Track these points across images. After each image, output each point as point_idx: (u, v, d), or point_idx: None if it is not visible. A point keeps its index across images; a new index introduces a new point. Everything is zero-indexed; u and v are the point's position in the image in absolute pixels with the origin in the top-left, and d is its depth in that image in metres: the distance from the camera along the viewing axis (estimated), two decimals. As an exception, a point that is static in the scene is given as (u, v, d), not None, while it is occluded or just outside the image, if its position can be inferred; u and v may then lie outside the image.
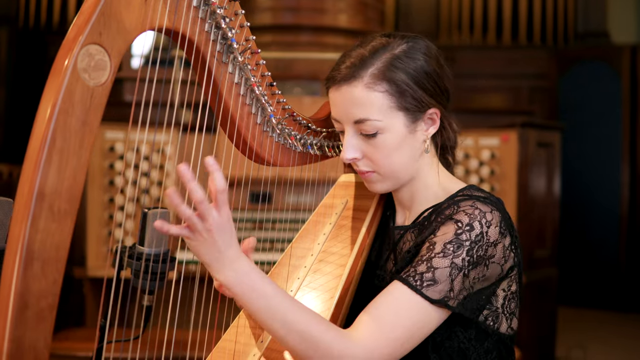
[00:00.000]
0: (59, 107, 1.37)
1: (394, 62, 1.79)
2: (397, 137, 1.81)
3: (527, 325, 4.49)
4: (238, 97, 1.81)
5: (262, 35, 6.22)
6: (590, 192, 7.91)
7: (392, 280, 1.74)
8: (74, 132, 1.39)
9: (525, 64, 8.44)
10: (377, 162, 1.85)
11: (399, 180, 1.89)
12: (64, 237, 1.39)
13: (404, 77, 1.79)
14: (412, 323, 1.69)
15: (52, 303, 1.38)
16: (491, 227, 1.72)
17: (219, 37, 1.70)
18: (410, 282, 1.69)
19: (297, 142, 1.97)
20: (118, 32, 1.46)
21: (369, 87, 1.79)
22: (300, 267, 2.01)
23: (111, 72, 1.44)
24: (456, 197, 1.83)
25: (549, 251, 4.85)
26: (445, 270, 1.68)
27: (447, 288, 1.68)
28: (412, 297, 1.68)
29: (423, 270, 1.69)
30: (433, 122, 1.86)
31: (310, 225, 2.13)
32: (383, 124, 1.80)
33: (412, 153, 1.85)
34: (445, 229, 1.73)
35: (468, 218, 1.72)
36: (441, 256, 1.70)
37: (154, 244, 1.75)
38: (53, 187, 1.36)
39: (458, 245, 1.70)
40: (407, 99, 1.79)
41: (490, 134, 4.48)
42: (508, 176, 4.44)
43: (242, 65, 1.76)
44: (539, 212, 4.70)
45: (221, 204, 1.56)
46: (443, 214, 1.78)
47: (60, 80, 1.38)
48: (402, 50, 1.82)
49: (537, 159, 4.63)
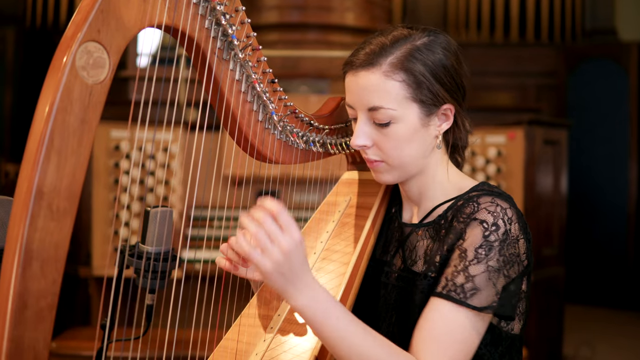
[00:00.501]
0: (57, 105, 1.35)
1: (413, 53, 1.78)
2: (409, 128, 1.80)
3: (534, 324, 4.47)
4: (239, 94, 1.79)
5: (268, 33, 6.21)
6: (598, 190, 7.88)
7: (426, 291, 1.75)
8: (72, 131, 1.38)
9: (533, 61, 8.41)
10: (386, 152, 1.83)
11: (407, 173, 1.87)
12: (63, 236, 1.38)
13: (422, 68, 1.78)
14: (467, 336, 1.69)
15: (51, 303, 1.37)
16: (513, 224, 1.72)
17: (220, 34, 1.69)
18: (453, 296, 1.68)
19: (299, 140, 1.96)
20: (117, 29, 1.44)
21: (387, 75, 1.77)
22: None
23: (110, 69, 1.43)
24: (472, 193, 1.82)
25: (556, 249, 4.83)
26: (484, 275, 1.67)
27: (491, 293, 1.67)
28: (460, 311, 1.68)
29: (462, 282, 1.68)
30: (447, 118, 1.85)
31: (313, 223, 2.12)
32: (397, 114, 1.78)
33: (423, 147, 1.84)
34: (471, 232, 1.71)
35: (492, 217, 1.71)
36: (475, 262, 1.68)
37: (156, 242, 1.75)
38: (52, 185, 1.35)
39: (489, 247, 1.69)
40: (423, 91, 1.78)
41: (496, 131, 4.46)
42: (515, 174, 4.42)
43: (243, 62, 1.76)
44: (545, 210, 4.68)
45: (289, 226, 1.58)
46: (463, 213, 1.76)
47: (59, 78, 1.36)
48: (422, 42, 1.81)
49: (543, 157, 4.60)
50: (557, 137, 4.79)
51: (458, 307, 1.68)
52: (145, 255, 1.73)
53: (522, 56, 8.42)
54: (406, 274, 1.87)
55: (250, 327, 1.87)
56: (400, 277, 1.88)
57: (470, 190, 1.84)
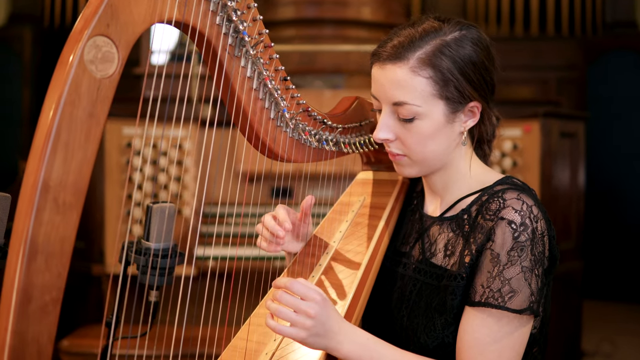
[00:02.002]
0: (65, 99, 1.35)
1: (442, 49, 1.75)
2: (434, 125, 1.78)
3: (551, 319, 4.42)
4: (250, 91, 1.78)
5: (285, 29, 6.20)
6: (618, 184, 7.80)
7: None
8: (80, 125, 1.37)
9: (553, 55, 8.33)
10: (409, 147, 1.81)
11: (429, 168, 1.86)
12: (69, 231, 1.37)
13: (451, 65, 1.75)
14: (513, 341, 1.69)
15: (56, 297, 1.37)
16: (539, 222, 1.70)
17: (231, 30, 1.67)
18: (492, 303, 1.67)
19: (311, 138, 1.94)
20: (126, 24, 1.44)
21: (414, 71, 1.75)
22: (315, 266, 1.99)
23: (119, 64, 1.43)
24: (496, 188, 1.79)
25: (574, 243, 4.78)
26: (519, 277, 1.66)
27: (528, 293, 1.67)
28: (502, 316, 1.68)
29: (499, 287, 1.67)
30: (473, 115, 1.82)
31: (327, 224, 2.11)
32: (422, 110, 1.76)
33: (447, 143, 1.82)
34: (501, 234, 1.69)
35: (519, 216, 1.68)
36: (509, 265, 1.67)
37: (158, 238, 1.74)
38: (58, 179, 1.35)
39: (520, 248, 1.67)
40: (450, 88, 1.75)
41: (512, 124, 4.42)
42: (531, 167, 4.38)
43: (255, 59, 1.74)
44: (563, 204, 4.64)
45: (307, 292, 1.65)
46: (489, 210, 1.74)
47: (67, 72, 1.36)
48: (453, 37, 1.77)
49: (560, 150, 4.56)
50: (574, 130, 4.74)
51: (499, 312, 1.67)
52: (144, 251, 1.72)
53: (543, 50, 8.34)
54: (424, 266, 1.86)
55: (260, 326, 1.85)
56: (418, 269, 1.87)
57: (494, 184, 1.82)
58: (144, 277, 1.74)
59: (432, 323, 1.77)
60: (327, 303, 1.66)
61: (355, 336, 1.70)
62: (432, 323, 1.77)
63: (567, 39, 8.36)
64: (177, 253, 1.76)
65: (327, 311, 1.65)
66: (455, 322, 1.75)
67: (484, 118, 1.85)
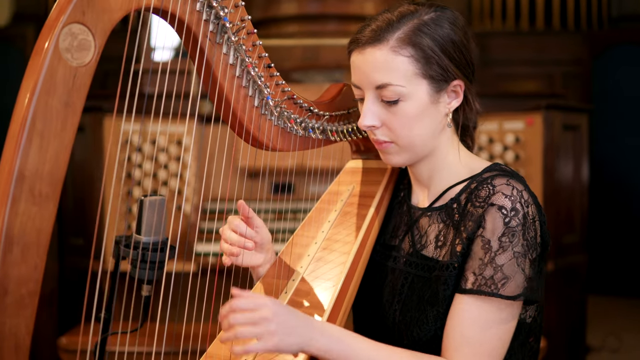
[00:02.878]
0: (40, 87, 1.34)
1: (421, 28, 1.74)
2: (419, 106, 1.75)
3: (555, 313, 4.39)
4: (233, 78, 1.75)
5: (288, 25, 6.19)
6: (623, 177, 7.76)
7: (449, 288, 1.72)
8: (55, 114, 1.36)
9: (559, 49, 8.29)
10: (395, 132, 1.79)
11: (417, 154, 1.83)
12: (45, 222, 1.36)
13: (431, 43, 1.73)
14: (502, 329, 1.67)
15: (33, 289, 1.36)
16: (530, 207, 1.67)
17: (212, 16, 1.65)
18: (484, 290, 1.64)
19: (297, 126, 1.92)
20: (103, 11, 1.42)
21: (395, 51, 1.73)
22: (303, 256, 1.96)
23: (95, 51, 1.41)
24: (485, 174, 1.77)
25: (578, 237, 4.74)
26: (512, 262, 1.64)
27: (521, 279, 1.64)
28: (493, 304, 1.66)
29: (491, 274, 1.64)
30: (457, 95, 1.80)
31: (315, 213, 2.08)
32: (406, 91, 1.74)
33: (433, 126, 1.79)
34: (491, 220, 1.66)
35: (510, 201, 1.66)
36: (501, 252, 1.64)
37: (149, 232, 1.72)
38: (34, 169, 1.34)
39: (512, 234, 1.64)
40: (432, 66, 1.74)
41: (514, 117, 4.38)
42: (533, 161, 4.34)
43: (237, 45, 1.71)
44: (566, 197, 4.59)
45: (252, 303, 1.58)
46: (478, 197, 1.71)
47: (42, 61, 1.35)
48: (430, 17, 1.76)
49: (563, 143, 4.51)
50: (578, 122, 4.69)
51: (491, 300, 1.65)
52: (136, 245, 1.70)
53: (548, 44, 8.29)
54: (415, 258, 1.83)
55: None
56: (409, 262, 1.84)
57: (483, 171, 1.80)
58: (136, 271, 1.73)
59: (425, 315, 1.74)
60: (278, 302, 1.61)
61: (328, 330, 1.65)
62: (425, 315, 1.74)
63: (573, 33, 8.32)
64: (168, 246, 1.74)
65: (284, 308, 1.60)
66: (447, 314, 1.72)
67: (468, 100, 1.83)
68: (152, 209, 1.70)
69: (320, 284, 1.85)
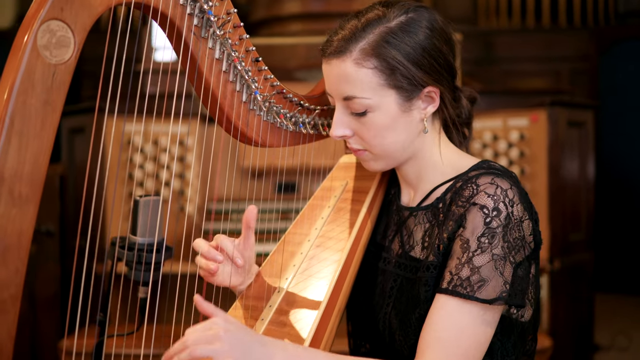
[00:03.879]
0: (18, 86, 1.32)
1: (386, 37, 1.68)
2: (388, 116, 1.71)
3: (562, 312, 4.35)
4: (220, 73, 1.72)
5: (291, 24, 6.19)
6: (631, 174, 7.72)
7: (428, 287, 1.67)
8: (34, 113, 1.34)
9: (566, 46, 8.24)
10: (367, 141, 1.76)
11: (395, 160, 1.80)
12: (26, 223, 1.35)
13: (396, 53, 1.67)
14: (478, 332, 1.60)
15: (14, 293, 1.34)
16: (515, 206, 1.62)
17: (196, 10, 1.62)
18: (460, 291, 1.59)
19: (287, 121, 1.88)
20: (82, 7, 1.40)
21: (358, 63, 1.68)
22: (296, 254, 1.93)
23: (75, 48, 1.39)
24: (470, 173, 1.73)
25: (584, 235, 4.69)
26: (489, 265, 1.58)
27: (499, 282, 1.59)
28: (468, 306, 1.60)
29: (468, 274, 1.59)
30: (432, 101, 1.75)
31: (308, 210, 2.05)
32: (372, 102, 1.70)
33: (406, 133, 1.75)
34: (472, 219, 1.61)
35: (492, 201, 1.61)
36: (479, 253, 1.59)
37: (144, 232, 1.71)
38: (12, 170, 1.32)
39: (491, 235, 1.59)
40: (397, 77, 1.69)
41: (518, 114, 4.33)
42: (538, 158, 4.30)
43: (223, 39, 1.68)
44: (572, 194, 4.55)
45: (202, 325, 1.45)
46: (462, 196, 1.67)
47: (19, 59, 1.33)
48: (398, 22, 1.70)
49: (568, 139, 4.47)
50: (583, 119, 4.64)
51: (466, 302, 1.59)
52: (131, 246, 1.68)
53: (554, 41, 8.24)
54: (404, 260, 1.79)
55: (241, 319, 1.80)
56: (399, 263, 1.80)
57: (469, 170, 1.75)
58: (134, 273, 1.71)
59: (407, 318, 1.70)
60: (232, 319, 1.48)
61: (283, 346, 1.53)
62: (407, 318, 1.70)
63: (579, 29, 8.29)
64: (164, 247, 1.72)
65: (235, 324, 1.46)
66: None
67: (445, 102, 1.77)
68: (148, 209, 1.68)
69: (314, 282, 1.82)
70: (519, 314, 1.70)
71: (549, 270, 4.14)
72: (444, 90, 1.75)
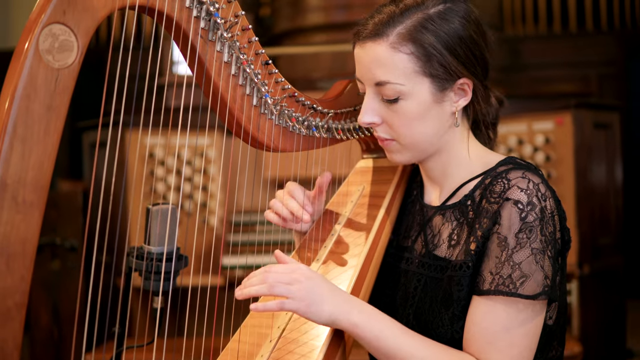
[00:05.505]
0: (20, 91, 1.31)
1: (424, 23, 1.65)
2: (420, 105, 1.68)
3: (592, 318, 4.27)
4: (229, 77, 1.69)
5: (315, 35, 6.18)
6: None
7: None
8: (37, 118, 1.32)
9: (593, 51, 8.17)
10: (396, 130, 1.72)
11: (421, 153, 1.76)
12: (31, 230, 1.32)
13: (433, 40, 1.65)
14: (528, 329, 1.58)
15: (20, 301, 1.31)
16: (548, 200, 1.59)
17: (203, 13, 1.59)
18: (503, 290, 1.56)
19: (299, 125, 1.85)
20: (85, 10, 1.38)
21: (394, 47, 1.65)
22: (312, 260, 1.89)
23: (79, 52, 1.37)
24: (499, 169, 1.68)
25: (614, 239, 4.61)
26: (530, 260, 1.55)
27: (540, 277, 1.55)
28: (513, 304, 1.56)
29: (509, 272, 1.56)
30: (465, 94, 1.71)
31: (325, 216, 2.01)
32: (406, 89, 1.66)
33: (437, 125, 1.71)
34: (507, 216, 1.58)
35: (526, 195, 1.58)
36: (518, 249, 1.56)
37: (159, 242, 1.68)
38: (16, 176, 1.30)
39: (529, 229, 1.56)
40: (434, 64, 1.65)
41: (543, 117, 4.28)
42: (565, 161, 4.24)
43: (231, 42, 1.65)
44: (600, 198, 4.47)
45: (288, 265, 1.60)
46: (493, 192, 1.63)
47: (21, 64, 1.32)
48: (436, 10, 1.67)
49: (595, 142, 4.40)
50: (609, 121, 4.57)
51: (511, 300, 1.56)
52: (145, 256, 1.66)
53: (582, 46, 8.17)
54: (428, 259, 1.75)
55: (256, 327, 1.77)
56: (422, 263, 1.77)
57: (497, 165, 1.71)
58: (147, 283, 1.69)
59: (440, 318, 1.66)
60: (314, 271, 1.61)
61: (362, 305, 1.61)
62: (440, 318, 1.66)
63: (606, 33, 8.21)
64: (183, 257, 1.70)
65: (319, 276, 1.59)
66: (464, 316, 1.63)
67: (477, 96, 1.74)
68: (162, 218, 1.66)
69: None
70: (547, 316, 1.65)
71: (578, 275, 4.08)
72: (477, 83, 1.72)
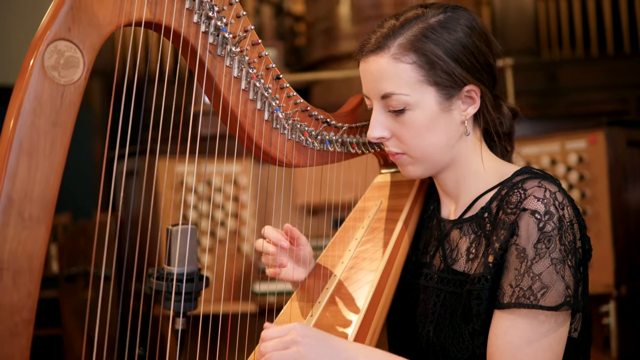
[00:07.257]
0: (25, 107, 1.31)
1: (425, 32, 1.66)
2: (427, 114, 1.66)
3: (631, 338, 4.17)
4: (239, 92, 1.68)
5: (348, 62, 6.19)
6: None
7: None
8: (43, 134, 1.32)
9: (631, 73, 8.09)
10: (406, 142, 1.70)
11: (434, 165, 1.74)
12: (37, 246, 1.32)
13: (435, 47, 1.64)
14: (549, 341, 1.54)
15: (27, 318, 1.31)
16: (565, 208, 1.55)
17: (211, 28, 1.59)
18: (524, 302, 1.52)
19: (313, 139, 1.83)
20: (90, 27, 1.38)
21: (396, 58, 1.65)
22: (330, 276, 1.87)
23: (85, 68, 1.37)
24: (515, 179, 1.66)
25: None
26: (550, 270, 1.52)
27: (561, 287, 1.52)
28: (536, 316, 1.53)
29: (529, 284, 1.53)
30: (473, 101, 1.70)
31: (342, 232, 2.00)
32: (411, 99, 1.65)
33: (447, 135, 1.70)
34: (525, 227, 1.55)
35: (543, 205, 1.55)
36: (537, 259, 1.53)
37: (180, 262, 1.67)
38: (22, 191, 1.30)
39: (548, 239, 1.53)
40: (437, 72, 1.64)
41: (576, 136, 4.23)
42: (599, 180, 4.17)
43: (240, 57, 1.64)
44: (635, 216, 4.38)
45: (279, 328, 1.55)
46: (510, 203, 1.60)
47: (27, 80, 1.32)
48: (437, 20, 1.67)
49: (629, 159, 4.32)
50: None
51: (532, 312, 1.53)
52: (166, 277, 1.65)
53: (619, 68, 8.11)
54: (447, 274, 1.72)
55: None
56: (441, 278, 1.74)
57: (513, 176, 1.68)
58: (168, 303, 1.68)
59: (460, 334, 1.62)
60: (307, 326, 1.56)
61: (365, 350, 1.58)
62: (460, 334, 1.62)
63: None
64: (204, 277, 1.69)
65: (313, 331, 1.55)
66: (485, 330, 1.59)
67: (486, 104, 1.72)
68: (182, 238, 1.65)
69: (347, 304, 1.76)
70: (571, 328, 1.61)
71: (616, 296, 3.99)
72: (484, 90, 1.70)
